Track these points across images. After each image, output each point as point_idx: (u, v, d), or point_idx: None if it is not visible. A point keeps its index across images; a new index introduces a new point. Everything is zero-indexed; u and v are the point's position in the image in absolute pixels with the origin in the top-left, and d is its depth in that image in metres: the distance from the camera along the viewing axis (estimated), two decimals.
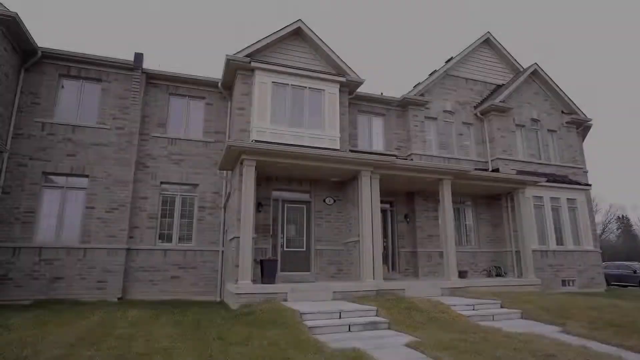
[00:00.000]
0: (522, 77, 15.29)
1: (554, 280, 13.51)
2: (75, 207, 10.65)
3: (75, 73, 11.31)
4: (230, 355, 4.71)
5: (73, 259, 10.21)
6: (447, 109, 14.70)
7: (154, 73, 11.94)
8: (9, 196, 10.09)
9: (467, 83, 15.37)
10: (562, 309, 8.08)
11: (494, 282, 11.43)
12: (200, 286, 11.35)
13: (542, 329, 6.86)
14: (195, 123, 12.55)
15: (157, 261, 11.08)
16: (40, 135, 10.64)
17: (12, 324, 6.34)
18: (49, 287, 9.89)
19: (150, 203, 11.39)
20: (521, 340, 5.68)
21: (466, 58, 15.55)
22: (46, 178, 10.57)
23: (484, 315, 7.79)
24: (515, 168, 14.30)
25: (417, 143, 13.89)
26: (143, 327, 6.27)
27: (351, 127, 13.57)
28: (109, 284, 10.32)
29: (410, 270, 12.89)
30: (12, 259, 9.80)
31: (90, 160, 10.90)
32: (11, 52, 10.16)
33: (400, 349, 5.30)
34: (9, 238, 9.90)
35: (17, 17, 9.46)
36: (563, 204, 14.43)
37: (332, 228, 11.60)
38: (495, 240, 13.91)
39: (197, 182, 11.99)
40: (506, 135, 14.58)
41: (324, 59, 12.66)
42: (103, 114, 11.32)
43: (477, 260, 13.52)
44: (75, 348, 4.93)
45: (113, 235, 10.63)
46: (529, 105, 15.45)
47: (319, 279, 11.07)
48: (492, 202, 14.17)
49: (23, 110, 10.64)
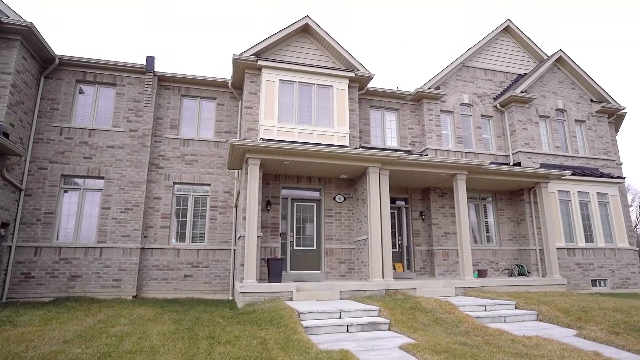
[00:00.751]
0: (546, 65, 14.47)
1: (583, 280, 12.70)
2: (92, 208, 11.02)
3: (91, 78, 11.69)
4: (212, 354, 4.66)
5: (90, 258, 10.56)
6: (464, 102, 14.13)
7: (165, 75, 12.16)
8: (31, 198, 10.57)
9: (485, 74, 14.72)
10: (583, 311, 7.53)
11: (514, 282, 10.87)
12: (213, 285, 11.46)
13: (555, 332, 6.41)
14: (206, 123, 12.70)
15: (170, 260, 11.28)
16: (58, 139, 11.08)
17: (20, 320, 6.60)
18: (67, 285, 10.28)
19: (164, 203, 11.62)
20: (527, 344, 5.31)
21: (484, 48, 14.89)
22: (65, 180, 10.99)
23: (495, 316, 7.38)
24: (539, 161, 13.56)
25: (432, 138, 13.44)
26: (141, 325, 6.35)
27: (363, 124, 13.32)
28: (124, 282, 10.61)
29: (426, 269, 12.49)
30: (34, 258, 10.26)
31: (106, 162, 11.25)
32: (30, 61, 10.63)
33: (392, 352, 5.07)
34: (31, 238, 10.37)
35: (32, 27, 9.87)
36: (593, 199, 13.54)
37: (343, 226, 11.41)
38: (517, 237, 13.25)
39: (209, 182, 12.12)
40: (528, 127, 13.85)
41: (333, 55, 12.47)
42: (117, 117, 11.65)
43: (498, 259, 12.92)
44: (68, 345, 5.03)
45: (127, 235, 10.92)
46: (553, 95, 14.61)
47: (329, 278, 10.92)
48: (514, 198, 13.51)
49: (43, 116, 11.11)
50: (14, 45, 9.92)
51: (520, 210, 13.24)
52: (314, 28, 12.21)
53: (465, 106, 14.22)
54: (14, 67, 9.85)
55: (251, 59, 11.39)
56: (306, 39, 12.52)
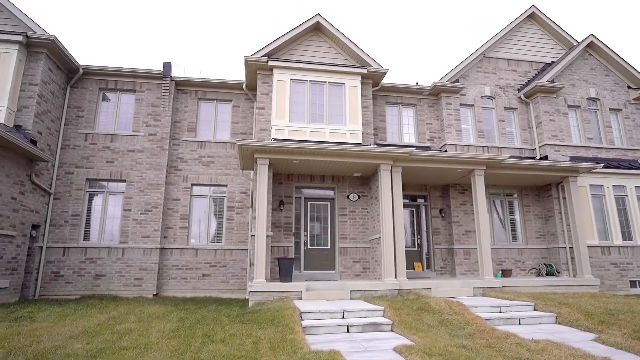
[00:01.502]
0: (575, 52, 13.59)
1: (620, 281, 11.80)
2: (115, 210, 11.52)
3: (113, 86, 12.23)
4: (201, 352, 4.70)
5: (113, 257, 11.04)
6: (485, 94, 13.54)
7: (182, 80, 12.50)
8: (59, 201, 11.20)
9: (509, 64, 14.04)
10: (608, 314, 6.98)
11: (540, 282, 10.27)
12: (230, 284, 11.65)
13: (571, 335, 5.98)
14: (223, 125, 12.94)
15: (189, 260, 11.58)
16: (83, 145, 11.66)
17: (39, 316, 6.98)
18: (93, 283, 10.80)
19: (182, 204, 11.95)
20: (532, 348, 4.97)
21: (507, 37, 14.21)
22: (89, 184, 11.56)
23: (509, 318, 6.99)
24: (569, 154, 12.76)
25: (452, 133, 12.97)
26: (147, 322, 6.54)
27: (379, 120, 13.08)
28: (145, 281, 11.00)
29: (447, 269, 12.08)
30: (62, 257, 10.86)
31: (127, 165, 11.72)
32: (56, 72, 11.26)
33: (385, 354, 4.91)
34: (60, 239, 10.98)
35: (55, 40, 10.45)
36: (631, 193, 12.55)
37: (357, 225, 11.26)
38: (546, 235, 12.53)
39: (226, 183, 12.33)
40: (556, 119, 13.06)
41: (346, 52, 12.35)
42: (137, 122, 12.11)
43: (525, 258, 12.27)
44: (71, 341, 5.25)
45: (147, 236, 11.32)
46: (584, 83, 13.70)
47: (343, 278, 10.81)
48: (542, 194, 12.78)
49: (69, 123, 11.74)
50: (40, 57, 10.55)
51: (548, 207, 12.51)
52: (325, 26, 12.14)
53: (486, 99, 13.63)
54: (40, 78, 10.47)
55: (262, 59, 11.48)
56: (318, 37, 12.47)
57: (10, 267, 9.44)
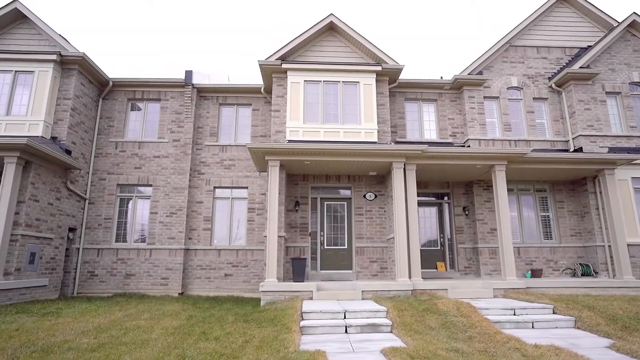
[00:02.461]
0: (614, 33, 12.52)
1: None
2: (143, 213, 12.19)
3: (140, 96, 12.95)
4: (190, 349, 4.89)
5: (141, 258, 11.70)
6: (512, 85, 12.83)
7: (203, 87, 12.98)
8: (94, 206, 12.04)
9: (538, 52, 13.20)
10: (637, 319, 6.40)
11: (573, 283, 9.60)
12: (252, 284, 11.92)
13: (585, 341, 5.54)
14: (243, 129, 13.26)
15: (212, 260, 12.00)
16: (114, 152, 12.46)
17: (66, 312, 7.56)
18: (124, 282, 11.51)
19: (205, 206, 12.40)
20: (530, 354, 4.68)
21: (536, 23, 13.37)
22: (120, 189, 12.32)
23: (521, 322, 6.60)
24: (607, 145, 11.78)
25: (475, 127, 12.43)
26: (156, 320, 6.88)
27: (398, 117, 12.81)
28: (171, 281, 11.55)
29: (471, 269, 11.60)
30: (97, 258, 11.67)
31: (153, 171, 12.36)
32: (88, 86, 12.12)
33: (370, 355, 4.82)
34: (94, 241, 11.81)
35: (85, 56, 11.26)
36: None
37: (374, 224, 11.11)
38: (582, 233, 11.65)
39: (247, 185, 12.64)
40: (592, 107, 12.11)
41: (361, 50, 12.22)
42: (162, 129, 12.74)
43: (558, 257, 11.50)
44: (81, 336, 5.65)
45: (173, 237, 11.87)
46: (626, 67, 12.58)
47: (360, 278, 10.72)
48: (576, 189, 11.91)
49: (102, 133, 12.59)
50: (72, 73, 11.40)
51: (583, 202, 11.63)
52: (338, 25, 12.10)
53: (513, 90, 12.91)
54: (73, 92, 11.31)
55: (276, 63, 11.65)
56: (333, 37, 12.45)
57: (50, 267, 10.29)
